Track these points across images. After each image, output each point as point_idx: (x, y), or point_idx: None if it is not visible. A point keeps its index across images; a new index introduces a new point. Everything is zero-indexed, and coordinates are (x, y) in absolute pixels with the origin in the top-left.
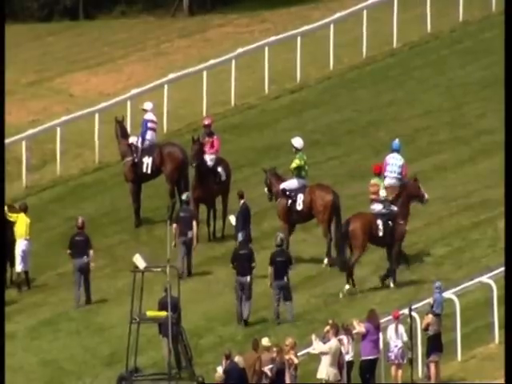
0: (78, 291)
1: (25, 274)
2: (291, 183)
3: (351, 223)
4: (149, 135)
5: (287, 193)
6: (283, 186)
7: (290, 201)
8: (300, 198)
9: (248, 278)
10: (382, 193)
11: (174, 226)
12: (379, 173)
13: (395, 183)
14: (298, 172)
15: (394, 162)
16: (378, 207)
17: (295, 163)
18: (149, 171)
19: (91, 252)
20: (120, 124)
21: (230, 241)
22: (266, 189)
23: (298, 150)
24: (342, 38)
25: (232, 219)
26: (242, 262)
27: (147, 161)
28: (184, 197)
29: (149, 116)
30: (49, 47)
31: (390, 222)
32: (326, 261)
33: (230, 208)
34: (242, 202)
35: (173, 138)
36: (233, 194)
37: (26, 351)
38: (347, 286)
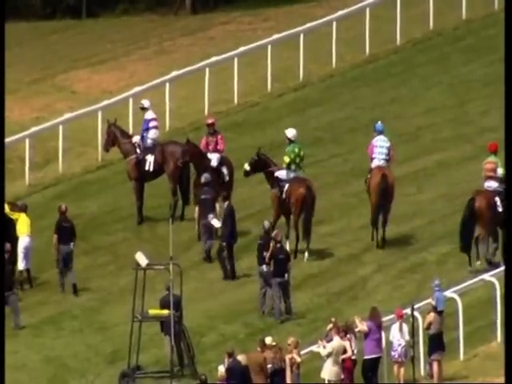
0: (62, 278)
1: (27, 272)
2: (282, 174)
3: (476, 201)
4: (152, 133)
5: (280, 182)
6: (277, 174)
7: (280, 190)
8: (285, 188)
9: (264, 267)
10: (500, 171)
11: (196, 208)
12: (495, 150)
13: (383, 164)
14: (288, 166)
15: (381, 145)
16: (494, 184)
17: (285, 162)
18: (151, 169)
19: (74, 239)
20: (115, 126)
21: None
22: (248, 167)
23: (291, 141)
24: (344, 35)
25: (215, 222)
26: (260, 252)
27: (150, 159)
28: (203, 179)
29: (149, 115)
30: (52, 45)
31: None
32: (306, 254)
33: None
34: (226, 203)
35: (175, 136)
36: (235, 192)
37: (28, 349)
38: (478, 262)
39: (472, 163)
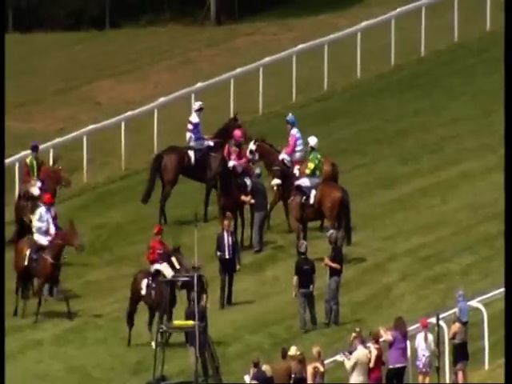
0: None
1: None
2: (305, 181)
3: None
4: (188, 136)
5: (302, 189)
6: (298, 182)
7: (304, 197)
8: (313, 193)
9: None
10: None
11: (252, 201)
12: None
13: (304, 156)
14: (313, 172)
15: (300, 136)
16: None
17: (309, 168)
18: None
19: None
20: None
21: None
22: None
23: (312, 149)
24: (369, 46)
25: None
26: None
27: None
28: (258, 170)
29: (191, 117)
30: (76, 55)
31: None
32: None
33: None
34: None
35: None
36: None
37: (52, 358)
38: None
39: (496, 173)
